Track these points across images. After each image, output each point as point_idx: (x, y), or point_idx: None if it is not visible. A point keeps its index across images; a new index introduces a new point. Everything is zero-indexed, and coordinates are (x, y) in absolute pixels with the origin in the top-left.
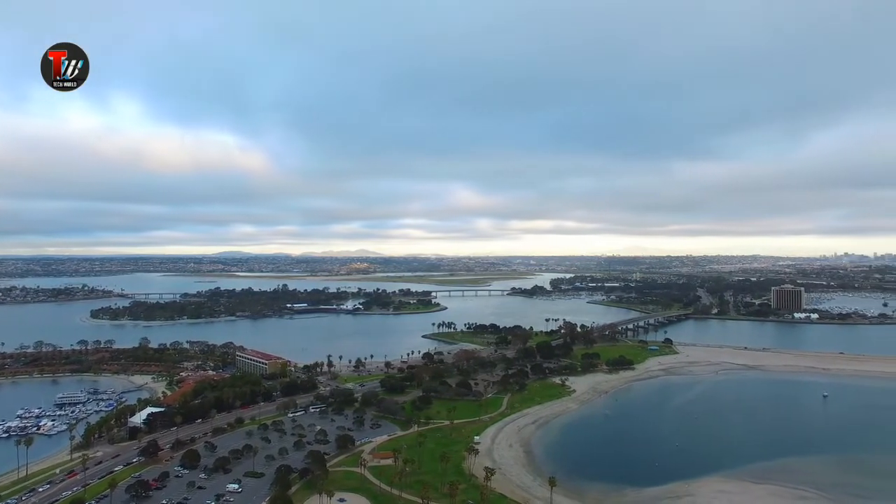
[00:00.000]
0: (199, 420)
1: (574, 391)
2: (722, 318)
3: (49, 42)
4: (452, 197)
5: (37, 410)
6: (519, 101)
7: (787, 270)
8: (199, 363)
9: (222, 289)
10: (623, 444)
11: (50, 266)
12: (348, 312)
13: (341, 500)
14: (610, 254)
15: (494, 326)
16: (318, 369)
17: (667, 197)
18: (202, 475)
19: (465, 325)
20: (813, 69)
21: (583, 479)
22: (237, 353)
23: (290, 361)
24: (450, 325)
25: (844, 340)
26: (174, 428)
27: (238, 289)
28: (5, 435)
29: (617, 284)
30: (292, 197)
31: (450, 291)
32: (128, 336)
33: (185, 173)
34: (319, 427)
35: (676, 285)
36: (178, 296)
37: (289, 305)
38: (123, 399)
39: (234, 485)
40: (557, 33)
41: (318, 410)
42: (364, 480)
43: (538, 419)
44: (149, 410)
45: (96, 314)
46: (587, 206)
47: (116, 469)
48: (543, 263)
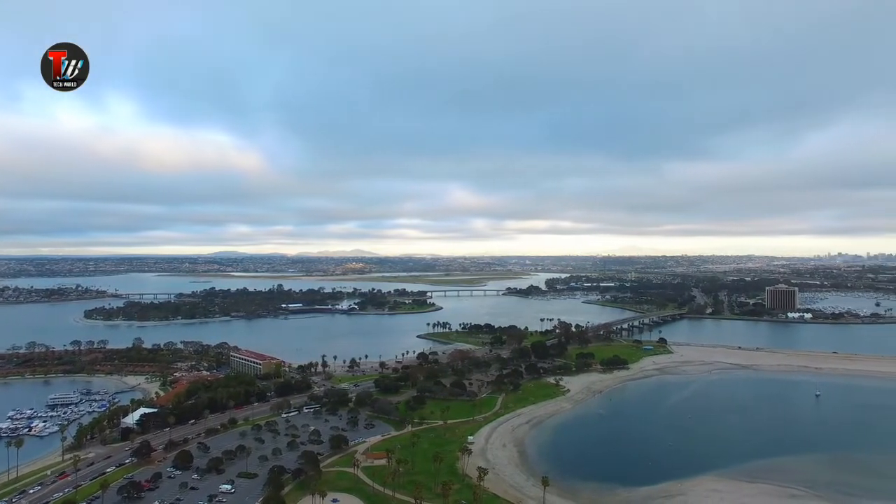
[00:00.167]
0: (193, 421)
1: (568, 391)
2: (716, 318)
3: (48, 42)
4: (448, 197)
5: (28, 411)
6: (516, 101)
7: (782, 270)
8: (194, 363)
9: (217, 289)
10: (617, 444)
11: (43, 266)
12: (343, 312)
13: (334, 501)
14: (605, 254)
15: (489, 326)
16: (313, 369)
17: (662, 197)
18: (195, 476)
19: (461, 325)
20: (808, 70)
21: (576, 479)
22: (231, 354)
23: (285, 361)
24: (445, 325)
25: (837, 340)
26: (167, 429)
27: (233, 289)
28: None
29: (612, 284)
30: (288, 197)
31: (445, 291)
32: (122, 336)
33: (181, 173)
34: (313, 427)
35: (671, 285)
36: (173, 296)
37: (284, 305)
38: (116, 400)
39: (227, 485)
40: (556, 33)
41: (312, 411)
42: (357, 481)
43: (532, 419)
44: (142, 411)
45: (90, 314)
46: (583, 206)
47: (108, 470)
48: (539, 263)
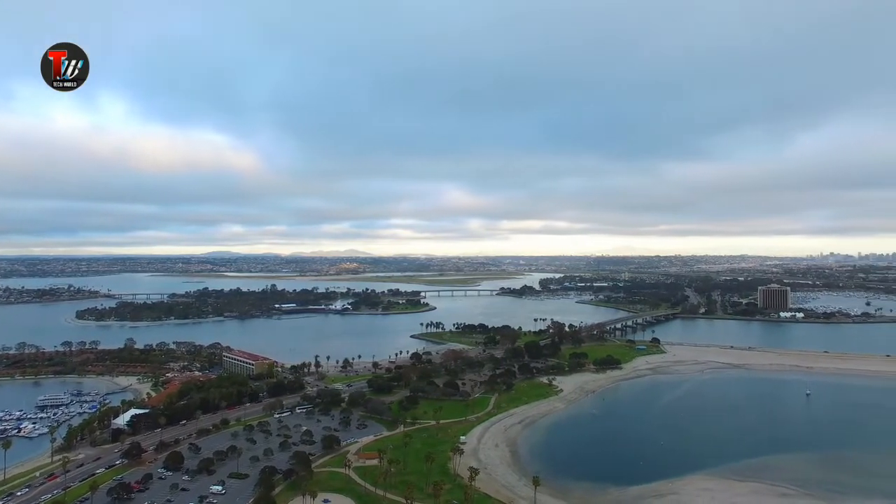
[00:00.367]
0: (184, 421)
1: (561, 391)
2: (709, 318)
3: (48, 42)
4: (443, 197)
5: (17, 413)
6: (515, 101)
7: (774, 270)
8: (186, 364)
9: (210, 289)
10: (609, 444)
11: (35, 266)
12: (337, 312)
13: (325, 501)
14: (599, 254)
15: (483, 326)
16: (306, 370)
17: (656, 197)
18: (185, 477)
19: (454, 325)
20: (807, 70)
21: (568, 479)
22: (224, 354)
23: (278, 362)
24: (438, 325)
25: (828, 339)
26: (158, 430)
27: (226, 289)
28: None
29: (605, 284)
30: (282, 197)
31: (439, 291)
32: (113, 337)
33: (174, 173)
34: (305, 428)
35: (665, 285)
36: (166, 296)
37: (277, 306)
38: (107, 401)
39: (218, 486)
40: (555, 33)
41: (305, 411)
42: (349, 481)
43: (525, 419)
44: (133, 412)
45: (82, 315)
46: (577, 207)
47: (98, 472)
48: (533, 263)
